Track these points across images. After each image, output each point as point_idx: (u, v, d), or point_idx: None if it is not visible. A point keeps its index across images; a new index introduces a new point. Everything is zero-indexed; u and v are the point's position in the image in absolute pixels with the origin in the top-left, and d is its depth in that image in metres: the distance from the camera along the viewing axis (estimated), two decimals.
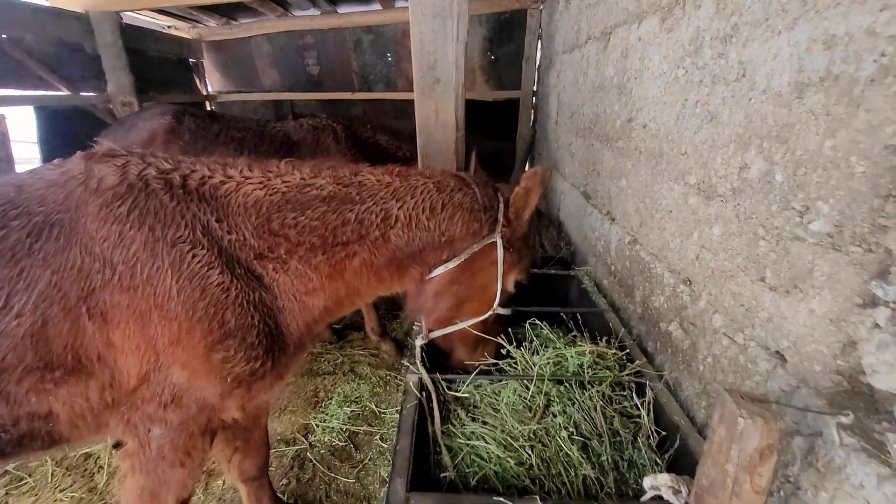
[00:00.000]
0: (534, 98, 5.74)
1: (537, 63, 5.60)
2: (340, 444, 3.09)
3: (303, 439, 3.13)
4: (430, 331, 1.91)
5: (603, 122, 2.76)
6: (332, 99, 6.10)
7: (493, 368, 1.89)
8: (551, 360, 1.77)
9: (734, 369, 1.38)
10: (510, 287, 1.80)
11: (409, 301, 1.91)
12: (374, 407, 3.46)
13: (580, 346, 1.83)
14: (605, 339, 1.95)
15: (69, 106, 3.87)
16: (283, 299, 1.59)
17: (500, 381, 1.75)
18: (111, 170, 1.41)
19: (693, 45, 1.69)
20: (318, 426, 3.23)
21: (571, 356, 1.75)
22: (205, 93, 6.00)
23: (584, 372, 1.70)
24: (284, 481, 2.83)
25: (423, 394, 1.67)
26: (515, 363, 1.85)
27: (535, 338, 1.94)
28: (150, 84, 4.96)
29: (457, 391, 1.73)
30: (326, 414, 3.36)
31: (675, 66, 1.83)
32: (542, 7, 5.21)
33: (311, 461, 2.94)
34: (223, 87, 6.20)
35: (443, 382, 1.76)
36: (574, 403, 1.59)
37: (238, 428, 1.98)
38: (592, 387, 1.65)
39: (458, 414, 1.66)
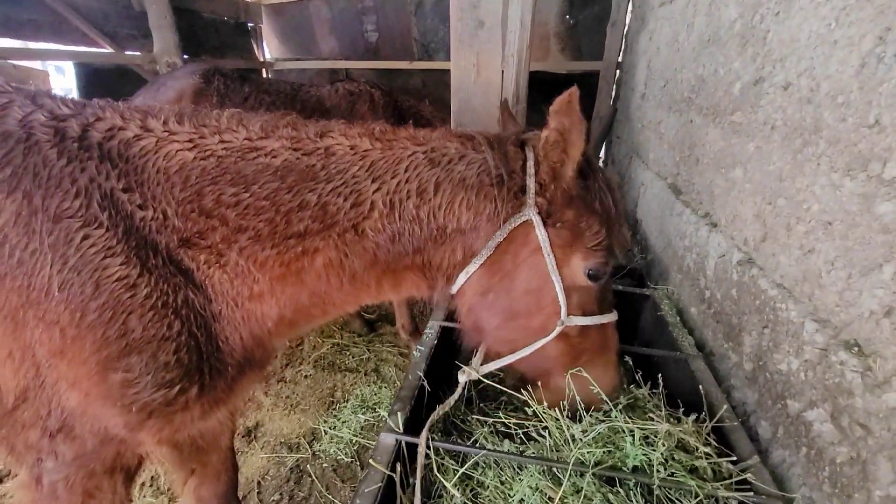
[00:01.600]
0: (617, 71, 4.84)
1: (625, 28, 4.68)
2: (346, 459, 2.69)
3: (307, 447, 2.77)
4: (484, 361, 1.35)
5: (711, 87, 1.97)
6: (390, 69, 5.62)
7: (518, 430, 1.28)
8: (601, 439, 1.13)
9: None
10: (581, 279, 1.17)
11: (457, 318, 1.36)
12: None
13: (651, 421, 1.16)
14: (692, 416, 1.25)
15: (112, 64, 3.72)
16: (219, 303, 1.16)
17: (515, 460, 1.15)
18: None
19: None
20: (326, 433, 2.85)
21: (633, 441, 1.09)
22: (262, 59, 5.80)
23: (652, 470, 1.05)
24: (277, 496, 2.48)
25: (401, 469, 1.12)
26: (544, 429, 1.23)
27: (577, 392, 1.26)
28: (202, 47, 4.80)
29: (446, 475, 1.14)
30: (338, 419, 2.97)
31: None
32: None
33: (311, 476, 2.57)
34: (281, 54, 5.97)
35: (432, 451, 1.19)
36: None
37: (191, 448, 1.59)
38: (668, 499, 1.00)
39: None
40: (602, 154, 5.19)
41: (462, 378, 1.34)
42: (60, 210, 0.99)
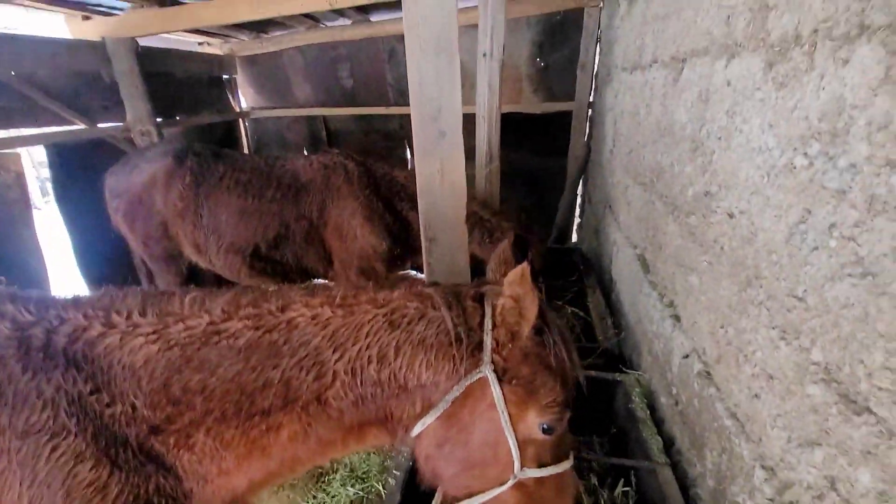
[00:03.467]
0: (589, 110, 4.94)
1: (594, 70, 4.79)
2: None
3: None
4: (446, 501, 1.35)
5: (669, 180, 2.04)
6: (367, 114, 5.67)
7: None
8: None
9: None
10: (536, 433, 1.19)
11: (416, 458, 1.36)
12: (380, 488, 3.02)
13: None
14: None
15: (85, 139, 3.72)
16: (189, 482, 1.18)
17: None
18: None
19: (828, 121, 0.99)
20: None
21: None
22: (238, 109, 5.81)
23: None
24: None
25: None
26: None
27: None
28: (178, 107, 4.80)
29: None
30: (328, 494, 2.97)
31: (789, 145, 1.13)
32: (601, 5, 4.39)
33: None
34: (257, 103, 5.98)
35: None
36: None
37: None
38: None
39: None
40: (580, 191, 5.28)
41: None
42: (28, 425, 1.02)
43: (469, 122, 3.44)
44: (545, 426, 1.18)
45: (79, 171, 3.76)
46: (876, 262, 0.84)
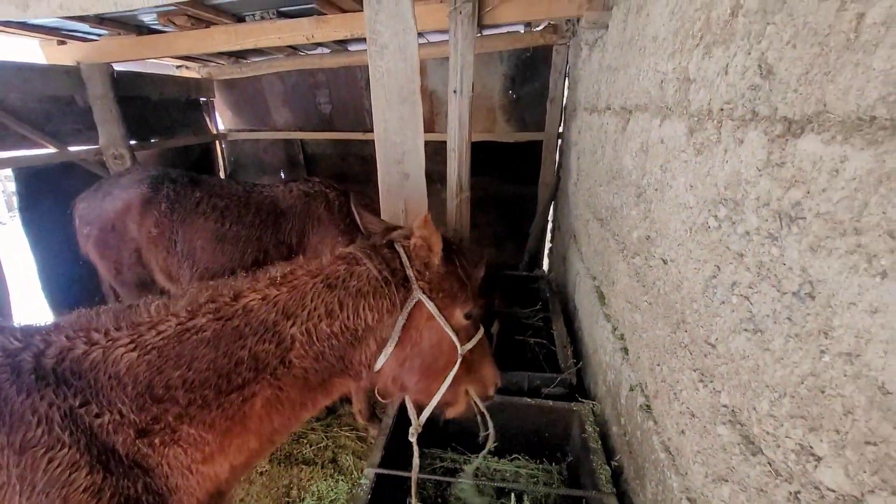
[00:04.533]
0: (559, 140, 5.17)
1: (563, 104, 5.03)
2: None
3: None
4: (418, 412, 1.75)
5: (619, 221, 2.19)
6: (344, 139, 5.78)
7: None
8: None
9: None
10: (462, 322, 1.63)
11: (377, 390, 1.71)
12: None
13: None
14: None
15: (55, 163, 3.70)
16: (175, 476, 1.30)
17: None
18: None
19: (731, 192, 1.13)
20: None
21: None
22: (214, 132, 5.84)
23: None
24: None
25: None
26: None
27: None
28: (153, 129, 4.81)
29: None
30: None
31: (705, 206, 1.27)
32: (569, 44, 4.64)
33: None
34: (235, 126, 6.03)
35: None
36: None
37: None
38: None
39: None
40: (551, 217, 5.46)
41: (413, 437, 1.75)
42: (24, 442, 1.10)
43: (442, 148, 3.62)
44: (466, 314, 1.61)
45: (48, 194, 3.72)
46: (762, 321, 0.97)
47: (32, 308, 4.14)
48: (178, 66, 5.39)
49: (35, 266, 3.81)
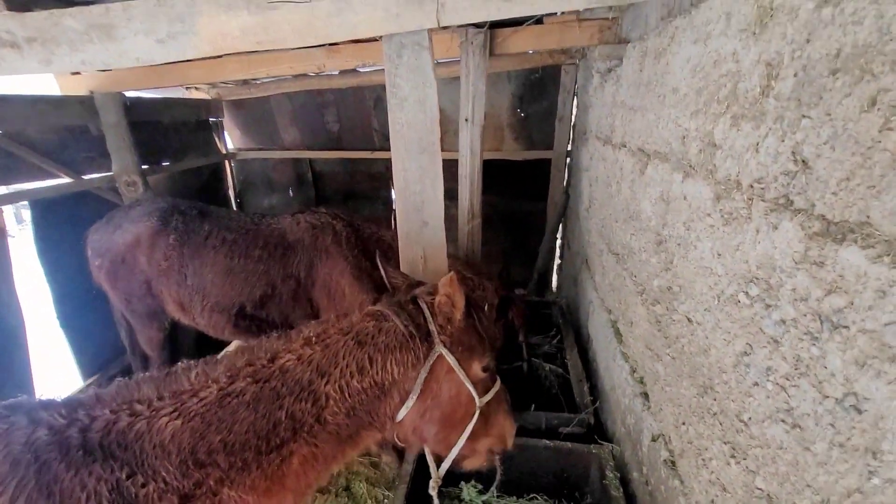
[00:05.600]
0: (568, 159, 5.17)
1: (572, 122, 5.03)
2: None
3: None
4: (438, 463, 1.79)
5: (637, 263, 2.18)
6: (353, 158, 5.81)
7: None
8: None
9: None
10: (480, 374, 1.69)
11: (398, 439, 1.72)
12: None
13: None
14: None
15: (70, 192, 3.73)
16: None
17: None
18: None
19: (764, 274, 1.13)
20: None
21: None
22: (224, 151, 5.87)
23: None
24: None
25: None
26: None
27: None
28: (165, 153, 4.85)
29: None
30: None
31: (734, 279, 1.27)
32: (578, 63, 4.64)
33: None
34: (244, 144, 6.06)
35: None
36: None
37: None
38: None
39: None
40: (560, 234, 5.46)
41: (433, 490, 1.80)
42: None
43: (452, 165, 3.65)
44: (484, 367, 1.68)
45: (62, 222, 3.75)
46: (802, 418, 0.96)
47: (43, 330, 4.16)
48: (187, 88, 5.42)
49: (50, 294, 3.84)
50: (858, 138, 0.84)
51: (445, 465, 1.76)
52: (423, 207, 2.00)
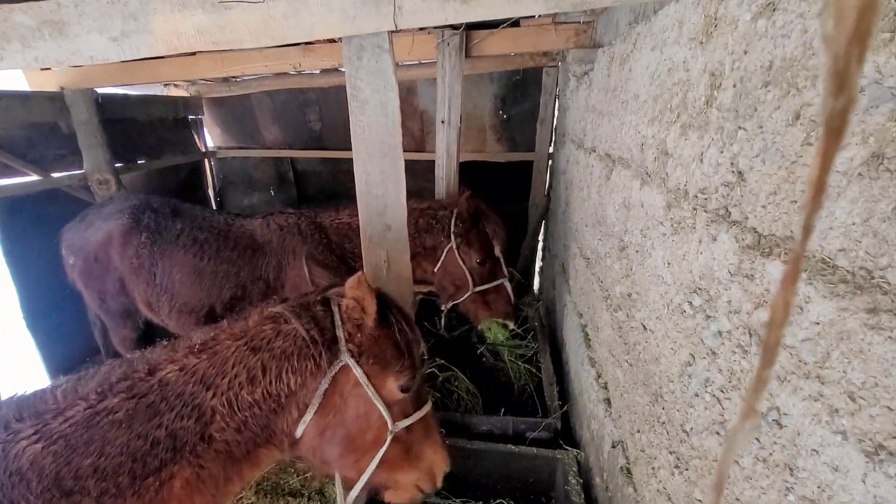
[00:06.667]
0: (549, 161, 5.17)
1: (553, 124, 5.03)
2: None
3: None
4: (346, 489, 1.56)
5: (603, 269, 2.18)
6: (334, 157, 5.76)
7: None
8: None
9: None
10: (397, 395, 1.48)
11: (303, 461, 1.60)
12: None
13: None
14: None
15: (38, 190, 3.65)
16: None
17: None
18: None
19: (706, 284, 1.12)
20: None
21: None
22: (203, 149, 5.79)
23: None
24: None
25: None
26: None
27: None
28: (140, 150, 4.76)
29: None
30: None
31: (681, 289, 1.27)
32: (559, 65, 4.64)
33: None
34: (224, 143, 5.98)
35: None
36: None
37: None
38: None
39: None
40: (542, 236, 5.47)
41: None
42: None
43: (430, 167, 3.63)
44: (402, 386, 1.47)
45: (31, 221, 3.67)
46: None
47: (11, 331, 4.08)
48: (165, 85, 5.33)
49: (17, 294, 3.75)
50: (784, 152, 0.84)
51: (353, 494, 1.53)
52: (385, 211, 1.98)
